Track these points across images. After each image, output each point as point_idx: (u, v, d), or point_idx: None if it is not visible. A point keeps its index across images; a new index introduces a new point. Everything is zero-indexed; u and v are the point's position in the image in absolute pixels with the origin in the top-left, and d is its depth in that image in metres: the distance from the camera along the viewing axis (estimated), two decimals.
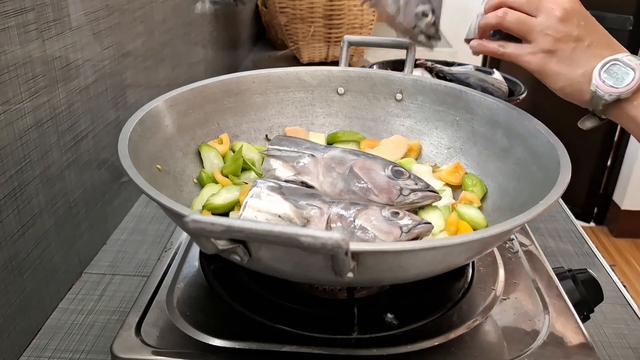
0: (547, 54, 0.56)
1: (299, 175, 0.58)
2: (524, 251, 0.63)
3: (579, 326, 0.52)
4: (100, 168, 0.77)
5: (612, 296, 0.70)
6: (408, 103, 0.73)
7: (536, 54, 0.57)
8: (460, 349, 0.49)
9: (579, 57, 0.56)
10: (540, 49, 0.56)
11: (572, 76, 0.56)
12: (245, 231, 0.37)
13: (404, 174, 0.57)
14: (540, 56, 0.56)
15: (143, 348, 0.48)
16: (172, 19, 1.03)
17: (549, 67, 0.56)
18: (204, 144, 0.66)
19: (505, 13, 0.58)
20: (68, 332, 0.63)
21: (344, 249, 0.36)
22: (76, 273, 0.72)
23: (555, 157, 0.53)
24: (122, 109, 0.82)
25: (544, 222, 0.86)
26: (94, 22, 0.73)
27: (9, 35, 0.55)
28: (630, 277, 2.34)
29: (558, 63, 0.56)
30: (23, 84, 0.58)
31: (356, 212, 0.50)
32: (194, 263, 0.59)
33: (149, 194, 0.45)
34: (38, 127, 0.61)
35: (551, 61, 0.56)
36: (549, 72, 0.57)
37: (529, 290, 0.56)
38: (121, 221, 0.84)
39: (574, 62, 0.56)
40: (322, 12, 1.47)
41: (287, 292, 0.55)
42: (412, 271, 0.46)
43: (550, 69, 0.56)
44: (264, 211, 0.48)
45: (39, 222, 0.62)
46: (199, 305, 0.53)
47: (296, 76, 0.75)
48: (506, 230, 0.43)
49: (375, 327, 0.51)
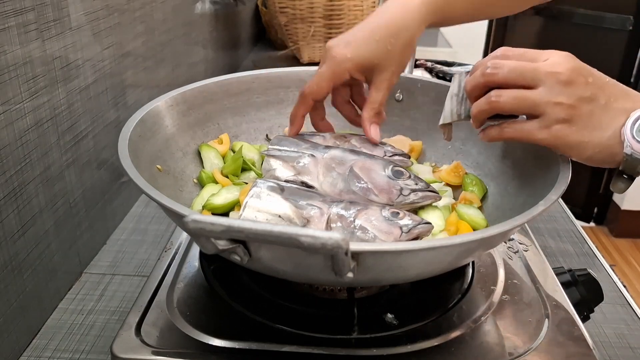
0: (563, 125, 0.49)
1: (299, 176, 0.58)
2: (524, 251, 0.63)
3: (579, 326, 0.52)
4: (100, 168, 0.77)
5: (612, 296, 0.70)
6: (408, 103, 0.73)
7: (550, 127, 0.49)
8: (460, 349, 0.49)
9: (601, 118, 0.48)
10: (554, 121, 0.49)
11: (599, 142, 0.49)
12: (245, 231, 0.37)
13: (404, 174, 0.57)
14: (556, 129, 0.49)
15: (143, 348, 0.48)
16: (172, 19, 1.03)
17: (570, 138, 0.49)
18: (204, 144, 0.66)
19: (499, 95, 0.50)
20: (68, 332, 0.63)
21: (344, 249, 0.36)
22: (76, 273, 0.72)
23: (555, 157, 0.53)
24: (122, 109, 0.82)
25: (544, 222, 0.86)
26: (94, 22, 0.73)
27: (9, 35, 0.55)
28: (630, 277, 2.34)
29: (579, 131, 0.49)
30: (23, 84, 0.58)
31: (356, 212, 0.50)
32: (194, 263, 0.59)
33: (149, 194, 0.45)
34: (38, 127, 0.61)
35: (570, 132, 0.49)
36: (572, 144, 0.49)
37: (529, 291, 0.56)
38: (121, 221, 0.84)
39: (596, 126, 0.49)
40: (322, 12, 1.47)
41: (287, 292, 0.55)
42: (412, 271, 0.46)
43: (573, 140, 0.49)
44: (264, 211, 0.48)
45: (39, 222, 0.62)
46: (199, 305, 0.53)
47: (296, 76, 0.75)
48: (506, 231, 0.43)
49: (375, 327, 0.51)
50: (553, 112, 0.48)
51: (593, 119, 0.48)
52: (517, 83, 0.50)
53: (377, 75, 0.60)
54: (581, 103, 0.48)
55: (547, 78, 0.48)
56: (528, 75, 0.49)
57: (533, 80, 0.49)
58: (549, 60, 0.49)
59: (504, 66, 0.50)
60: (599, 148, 0.49)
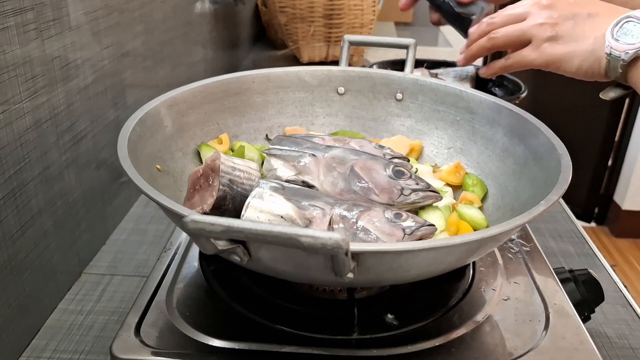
0: (550, 42, 0.54)
1: (299, 175, 0.58)
2: (525, 251, 0.63)
3: (580, 326, 0.52)
4: (100, 168, 0.77)
5: (613, 296, 0.69)
6: (408, 103, 0.73)
7: (539, 47, 0.55)
8: (461, 349, 0.49)
9: (583, 29, 0.53)
10: (541, 40, 0.55)
11: (583, 49, 0.53)
12: (245, 231, 0.37)
13: (405, 174, 0.57)
14: (544, 47, 0.55)
15: (142, 348, 0.48)
16: (171, 18, 1.02)
17: (556, 51, 0.54)
18: (204, 144, 0.66)
19: (496, 32, 0.58)
20: (67, 332, 0.63)
21: (344, 249, 0.36)
22: (75, 273, 0.72)
23: (556, 157, 0.53)
24: (122, 108, 0.82)
25: (545, 222, 0.86)
26: (93, 21, 0.72)
27: (8, 35, 0.55)
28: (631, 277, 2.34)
29: (564, 44, 0.54)
30: (22, 84, 0.58)
31: (359, 213, 0.50)
32: (193, 263, 0.59)
33: (148, 194, 0.45)
34: (37, 127, 0.61)
35: (556, 46, 0.54)
36: (559, 57, 0.54)
37: (530, 291, 0.56)
38: (120, 221, 0.84)
39: (579, 36, 0.53)
40: (322, 11, 1.47)
41: (287, 293, 0.55)
42: (412, 271, 0.46)
43: (558, 53, 0.54)
44: (266, 212, 0.48)
45: (38, 222, 0.62)
46: (199, 306, 0.53)
47: (296, 76, 0.75)
48: (507, 231, 0.43)
49: (376, 327, 0.51)
50: (539, 33, 0.55)
51: (576, 31, 0.53)
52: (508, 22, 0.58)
53: None
54: (564, 20, 0.54)
55: (531, 8, 0.56)
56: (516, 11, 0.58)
57: (521, 14, 0.57)
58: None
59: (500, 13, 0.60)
60: (584, 56, 0.53)
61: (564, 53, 0.54)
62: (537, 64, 0.56)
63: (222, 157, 0.54)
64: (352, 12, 1.48)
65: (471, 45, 0.63)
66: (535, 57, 0.56)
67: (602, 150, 2.57)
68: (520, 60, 0.58)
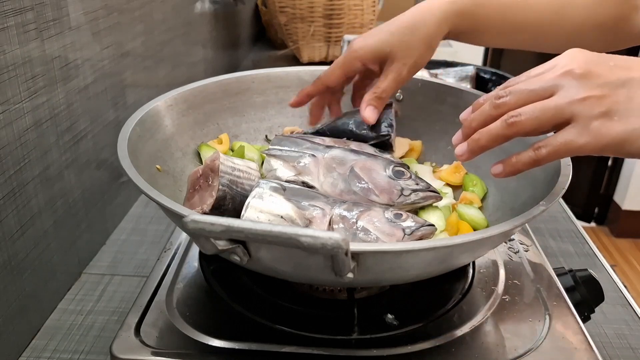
0: (603, 119, 0.41)
1: (299, 176, 0.58)
2: (525, 251, 0.63)
3: (580, 326, 0.52)
4: (100, 168, 0.77)
5: (613, 296, 0.69)
6: (408, 103, 0.73)
7: (588, 127, 0.41)
8: (461, 349, 0.49)
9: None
10: (590, 119, 0.41)
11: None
12: (245, 231, 0.37)
13: (405, 174, 0.57)
14: (595, 127, 0.41)
15: (142, 349, 0.48)
16: (171, 18, 1.02)
17: (615, 132, 0.41)
18: (204, 144, 0.66)
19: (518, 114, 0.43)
20: (67, 332, 0.63)
21: (344, 249, 0.36)
22: (75, 273, 0.72)
23: None
24: (122, 108, 0.82)
25: (545, 222, 0.86)
26: (93, 21, 0.72)
27: (8, 34, 0.55)
28: (631, 277, 2.34)
29: (623, 120, 0.41)
30: (22, 84, 0.58)
31: (359, 213, 0.50)
32: (193, 263, 0.59)
33: (148, 194, 0.45)
34: (37, 127, 0.61)
35: (612, 124, 0.41)
36: (619, 138, 0.41)
37: (530, 291, 0.56)
38: (120, 221, 0.84)
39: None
40: (322, 11, 1.47)
41: (287, 293, 0.55)
42: (412, 271, 0.46)
43: (618, 133, 0.41)
44: (266, 212, 0.48)
45: (38, 222, 0.62)
46: (199, 306, 0.53)
47: (296, 76, 0.75)
48: (507, 231, 0.43)
49: (376, 327, 0.51)
50: (584, 110, 0.41)
51: (634, 102, 0.41)
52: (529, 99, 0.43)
53: (388, 64, 0.61)
54: (612, 89, 0.41)
55: (562, 80, 0.42)
56: (540, 86, 0.43)
57: (547, 89, 0.43)
58: (558, 63, 0.44)
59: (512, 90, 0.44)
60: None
61: (625, 132, 0.41)
62: (588, 150, 0.42)
63: (222, 157, 0.54)
64: (352, 12, 1.48)
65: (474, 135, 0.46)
66: (584, 142, 0.41)
67: None
68: (562, 148, 0.42)
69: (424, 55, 0.62)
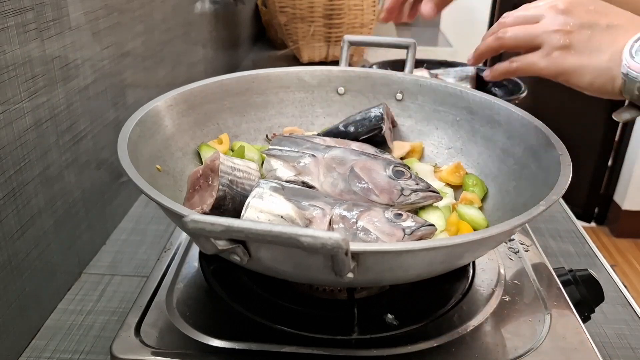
0: (562, 51, 0.50)
1: (299, 176, 0.58)
2: (525, 251, 0.63)
3: (580, 326, 0.52)
4: (100, 168, 0.77)
5: (613, 296, 0.69)
6: (408, 103, 0.73)
7: (550, 55, 0.50)
8: (461, 349, 0.49)
9: (600, 41, 0.48)
10: (552, 48, 0.50)
11: (597, 64, 0.48)
12: (245, 231, 0.37)
13: (405, 174, 0.57)
14: (554, 55, 0.50)
15: (142, 349, 0.48)
16: (171, 18, 1.02)
17: (568, 63, 0.49)
18: (204, 144, 0.66)
19: (505, 32, 0.54)
20: (67, 332, 0.63)
21: (344, 249, 0.36)
22: (75, 273, 0.72)
23: (556, 157, 0.53)
24: (122, 108, 0.82)
25: (545, 222, 0.86)
26: (93, 21, 0.72)
27: (8, 34, 0.55)
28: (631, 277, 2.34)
29: (577, 55, 0.49)
30: (22, 84, 0.58)
31: (359, 213, 0.50)
32: (193, 263, 0.59)
33: (148, 194, 0.45)
34: (37, 127, 0.61)
35: (568, 56, 0.49)
36: (570, 69, 0.49)
37: (530, 291, 0.56)
38: (120, 221, 0.84)
39: (595, 49, 0.48)
40: (322, 11, 1.47)
41: (287, 293, 0.55)
42: (412, 271, 0.46)
43: (570, 65, 0.49)
44: (266, 212, 0.48)
45: (38, 222, 0.62)
46: (199, 306, 0.53)
47: (296, 76, 0.75)
48: (507, 231, 0.43)
49: (376, 327, 0.51)
50: (551, 40, 0.50)
51: (592, 42, 0.48)
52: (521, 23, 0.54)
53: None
54: (580, 28, 0.49)
55: (546, 12, 0.52)
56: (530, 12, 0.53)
57: (535, 16, 0.52)
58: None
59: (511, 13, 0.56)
60: (597, 71, 0.48)
61: (575, 65, 0.49)
62: (544, 73, 0.52)
63: (222, 157, 0.54)
64: (352, 12, 1.48)
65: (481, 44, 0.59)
66: (543, 66, 0.51)
67: (602, 150, 2.57)
68: (526, 66, 0.53)
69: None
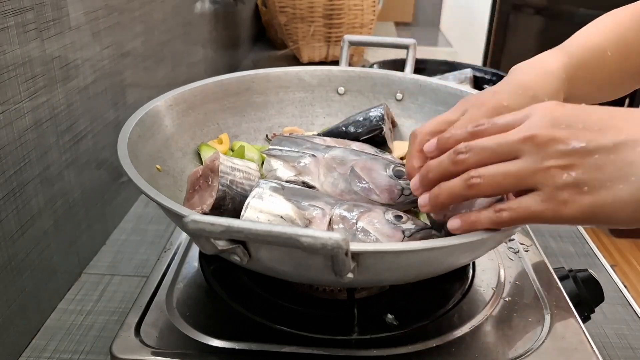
0: (570, 191, 0.37)
1: (300, 176, 0.58)
2: (525, 251, 0.63)
3: (580, 326, 0.52)
4: (100, 168, 0.77)
5: (613, 296, 0.69)
6: (408, 103, 0.73)
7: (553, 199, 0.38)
8: (461, 349, 0.49)
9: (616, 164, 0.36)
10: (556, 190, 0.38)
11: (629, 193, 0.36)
12: (245, 231, 0.37)
13: (405, 174, 0.57)
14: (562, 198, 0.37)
15: (142, 348, 0.48)
16: (171, 18, 1.02)
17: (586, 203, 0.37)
18: (204, 144, 0.66)
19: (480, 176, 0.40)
20: (67, 332, 0.63)
21: (344, 250, 0.36)
22: (75, 273, 0.72)
23: None
24: (122, 108, 0.82)
25: None
26: (93, 21, 0.72)
27: (8, 34, 0.55)
28: (631, 277, 2.34)
29: (594, 192, 0.37)
30: (22, 84, 0.58)
31: (359, 214, 0.50)
32: (193, 263, 0.59)
33: (148, 194, 0.45)
34: (37, 127, 0.61)
35: (582, 197, 0.37)
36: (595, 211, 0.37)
37: (530, 291, 0.56)
38: (120, 221, 0.84)
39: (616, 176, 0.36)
40: (322, 11, 1.47)
41: (286, 293, 0.55)
42: (412, 272, 0.46)
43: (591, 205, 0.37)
44: (265, 212, 0.48)
45: (38, 222, 0.62)
46: (199, 306, 0.53)
47: (296, 76, 0.75)
48: (507, 231, 0.43)
49: (376, 327, 0.51)
50: (548, 180, 0.38)
51: (606, 169, 0.36)
52: (492, 161, 0.40)
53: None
54: (580, 157, 0.37)
55: (523, 146, 0.39)
56: (503, 150, 0.40)
57: (510, 153, 0.39)
58: (525, 120, 0.40)
59: (472, 147, 0.41)
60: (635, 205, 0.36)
61: (599, 205, 0.37)
62: (556, 220, 0.39)
63: (221, 158, 0.54)
64: (352, 12, 1.48)
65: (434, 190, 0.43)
66: (553, 214, 0.38)
67: None
68: (527, 215, 0.39)
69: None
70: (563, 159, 0.37)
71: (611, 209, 0.37)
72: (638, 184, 0.36)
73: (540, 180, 0.38)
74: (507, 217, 0.40)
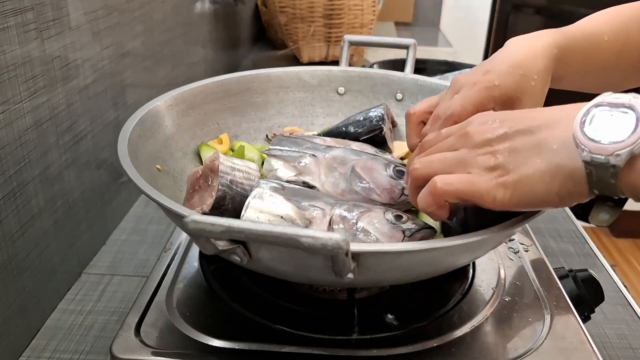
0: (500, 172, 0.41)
1: (300, 176, 0.58)
2: (525, 251, 0.63)
3: (580, 326, 0.52)
4: (100, 168, 0.77)
5: (613, 296, 0.69)
6: (408, 103, 0.73)
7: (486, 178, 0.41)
8: (461, 349, 0.49)
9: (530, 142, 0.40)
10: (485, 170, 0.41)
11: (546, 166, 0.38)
12: (245, 232, 0.37)
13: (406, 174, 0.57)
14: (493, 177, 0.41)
15: (142, 349, 0.48)
16: (171, 18, 1.02)
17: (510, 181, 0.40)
18: (204, 144, 0.66)
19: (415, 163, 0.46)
20: (67, 332, 0.63)
21: (344, 250, 0.36)
22: (75, 273, 0.72)
23: None
24: (122, 108, 0.82)
25: (545, 222, 0.86)
26: (93, 21, 0.72)
27: (8, 34, 0.55)
28: (631, 277, 2.34)
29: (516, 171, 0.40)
30: (22, 84, 0.58)
31: (359, 214, 0.50)
32: (193, 263, 0.59)
33: (148, 194, 0.45)
34: (37, 127, 0.61)
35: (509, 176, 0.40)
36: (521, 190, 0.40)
37: (530, 291, 0.56)
38: (121, 221, 0.84)
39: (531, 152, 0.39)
40: (322, 11, 1.47)
41: (287, 293, 0.55)
42: (412, 272, 0.46)
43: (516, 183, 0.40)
44: (266, 212, 0.48)
45: (38, 222, 0.62)
46: (199, 306, 0.53)
47: (296, 76, 0.75)
48: (507, 231, 0.43)
49: (376, 327, 0.51)
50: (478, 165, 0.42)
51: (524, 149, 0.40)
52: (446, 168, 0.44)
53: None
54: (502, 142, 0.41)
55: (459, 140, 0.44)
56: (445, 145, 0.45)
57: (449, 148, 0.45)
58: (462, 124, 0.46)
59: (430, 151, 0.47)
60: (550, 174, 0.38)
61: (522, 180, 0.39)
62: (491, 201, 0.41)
63: (221, 158, 0.54)
64: (352, 12, 1.48)
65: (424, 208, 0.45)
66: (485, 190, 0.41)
67: None
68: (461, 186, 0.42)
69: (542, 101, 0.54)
70: (490, 146, 0.42)
71: (532, 181, 0.39)
72: (550, 155, 0.38)
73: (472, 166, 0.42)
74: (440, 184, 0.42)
